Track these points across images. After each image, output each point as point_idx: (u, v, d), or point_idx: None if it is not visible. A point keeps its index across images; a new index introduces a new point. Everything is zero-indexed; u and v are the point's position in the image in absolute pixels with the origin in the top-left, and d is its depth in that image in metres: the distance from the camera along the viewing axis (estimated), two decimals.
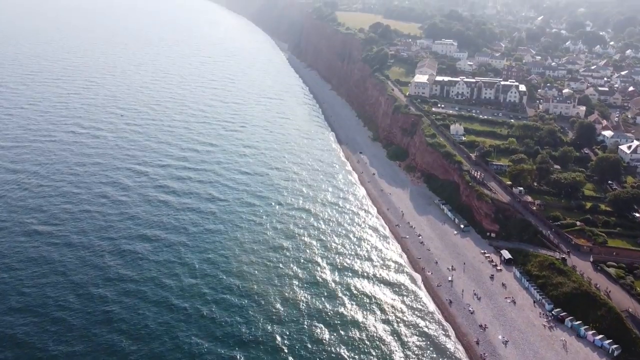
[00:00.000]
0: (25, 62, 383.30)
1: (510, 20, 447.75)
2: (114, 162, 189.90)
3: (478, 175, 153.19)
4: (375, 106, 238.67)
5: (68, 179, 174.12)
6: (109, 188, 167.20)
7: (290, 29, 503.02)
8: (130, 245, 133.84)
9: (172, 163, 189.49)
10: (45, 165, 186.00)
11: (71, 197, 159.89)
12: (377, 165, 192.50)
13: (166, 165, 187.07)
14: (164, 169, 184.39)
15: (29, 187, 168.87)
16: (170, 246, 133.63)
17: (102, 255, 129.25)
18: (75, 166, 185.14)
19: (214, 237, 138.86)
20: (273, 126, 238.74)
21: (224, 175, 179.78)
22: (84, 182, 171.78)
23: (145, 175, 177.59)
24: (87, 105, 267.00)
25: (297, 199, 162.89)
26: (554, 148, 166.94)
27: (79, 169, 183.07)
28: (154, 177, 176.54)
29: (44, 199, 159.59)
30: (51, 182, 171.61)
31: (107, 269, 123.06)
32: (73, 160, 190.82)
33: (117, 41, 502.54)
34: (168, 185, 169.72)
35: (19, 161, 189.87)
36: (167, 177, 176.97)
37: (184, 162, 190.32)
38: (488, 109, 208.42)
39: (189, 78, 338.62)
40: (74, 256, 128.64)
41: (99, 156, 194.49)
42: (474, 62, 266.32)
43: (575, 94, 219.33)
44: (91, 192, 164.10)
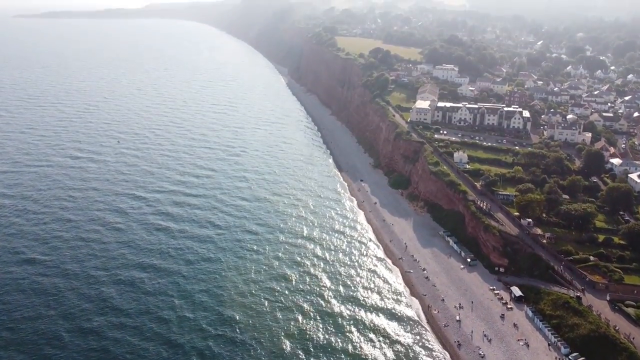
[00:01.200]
0: (26, 86, 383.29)
1: (510, 45, 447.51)
2: (112, 187, 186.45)
3: (484, 205, 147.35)
4: (376, 132, 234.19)
5: (64, 205, 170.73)
6: (106, 215, 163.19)
7: (290, 53, 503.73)
8: (127, 275, 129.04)
9: (171, 189, 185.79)
10: (41, 191, 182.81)
11: (67, 224, 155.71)
12: (379, 193, 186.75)
13: (165, 191, 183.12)
14: (162, 195, 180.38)
15: (24, 213, 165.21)
16: (169, 276, 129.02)
17: (97, 286, 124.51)
18: (72, 192, 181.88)
19: (213, 267, 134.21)
20: (273, 151, 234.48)
21: (224, 201, 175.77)
22: (80, 208, 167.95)
23: (143, 202, 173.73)
24: (86, 130, 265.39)
25: (297, 229, 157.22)
26: (561, 177, 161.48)
27: (76, 194, 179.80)
28: (152, 203, 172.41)
29: (39, 226, 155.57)
30: (47, 208, 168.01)
31: (102, 301, 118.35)
32: (70, 185, 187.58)
33: (117, 65, 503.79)
34: (166, 212, 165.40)
35: (14, 186, 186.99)
36: (165, 203, 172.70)
37: (183, 188, 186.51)
38: (491, 136, 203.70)
39: (189, 102, 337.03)
40: (68, 287, 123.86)
41: (97, 182, 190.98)
42: (476, 88, 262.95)
43: (579, 120, 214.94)
44: (87, 219, 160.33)
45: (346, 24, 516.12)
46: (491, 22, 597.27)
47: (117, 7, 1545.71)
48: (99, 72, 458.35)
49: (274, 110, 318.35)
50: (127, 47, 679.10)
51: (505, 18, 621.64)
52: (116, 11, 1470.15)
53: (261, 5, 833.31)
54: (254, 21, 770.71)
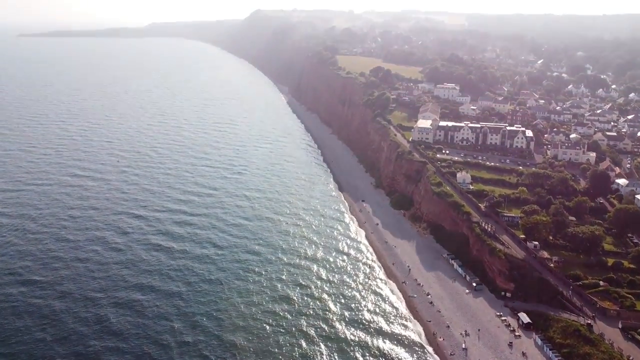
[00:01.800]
0: (28, 105, 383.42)
1: (511, 63, 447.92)
2: (112, 207, 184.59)
3: (489, 227, 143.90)
4: (377, 152, 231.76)
5: (63, 224, 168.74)
6: (105, 235, 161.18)
7: (291, 72, 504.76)
8: (125, 297, 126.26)
9: (172, 208, 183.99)
10: (40, 210, 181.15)
11: (65, 244, 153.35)
12: (381, 214, 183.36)
13: (165, 211, 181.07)
14: (163, 214, 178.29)
15: (22, 232, 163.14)
16: (168, 298, 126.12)
17: (95, 308, 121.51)
18: (72, 211, 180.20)
19: (214, 289, 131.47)
20: (275, 170, 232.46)
21: (225, 221, 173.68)
22: (79, 228, 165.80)
23: (143, 221, 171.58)
24: (87, 148, 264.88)
25: (298, 251, 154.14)
26: (567, 197, 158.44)
27: (76, 213, 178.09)
28: (153, 223, 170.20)
29: (36, 245, 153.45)
30: (45, 227, 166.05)
31: (99, 324, 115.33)
32: (70, 204, 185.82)
33: (119, 84, 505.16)
34: (167, 232, 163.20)
35: (13, 205, 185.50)
36: (166, 223, 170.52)
37: (184, 207, 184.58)
38: (494, 155, 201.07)
39: (191, 120, 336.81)
40: (65, 309, 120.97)
41: (97, 201, 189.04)
42: (478, 107, 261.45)
43: (583, 140, 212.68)
44: (86, 239, 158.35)
45: (347, 43, 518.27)
46: (491, 41, 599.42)
47: (119, 27, 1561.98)
48: (101, 91, 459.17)
49: (274, 129, 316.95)
50: (129, 66, 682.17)
51: (505, 37, 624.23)
52: (119, 30, 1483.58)
53: (262, 25, 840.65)
54: (255, 40, 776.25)
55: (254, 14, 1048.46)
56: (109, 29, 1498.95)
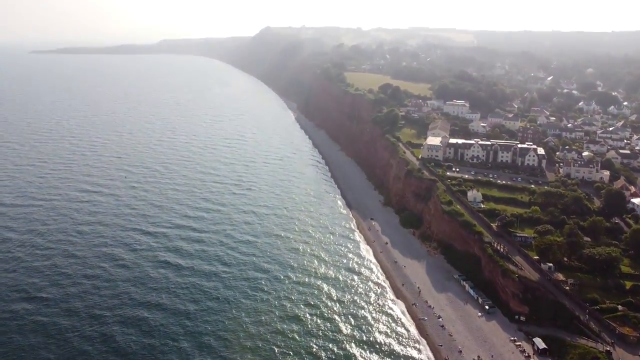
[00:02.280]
0: (39, 120, 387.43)
1: (520, 80, 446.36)
2: (119, 222, 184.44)
3: (501, 248, 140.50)
4: (386, 169, 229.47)
5: (71, 240, 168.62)
6: (113, 251, 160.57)
7: (299, 88, 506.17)
8: (132, 315, 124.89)
9: (180, 224, 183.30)
10: (48, 225, 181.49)
11: (72, 260, 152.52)
12: (390, 233, 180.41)
13: (173, 227, 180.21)
14: (171, 230, 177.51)
15: (29, 248, 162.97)
16: (175, 317, 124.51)
17: (101, 326, 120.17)
18: (80, 226, 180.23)
19: (221, 307, 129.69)
20: (282, 187, 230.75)
21: (233, 237, 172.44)
22: (86, 244, 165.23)
23: (151, 238, 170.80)
24: (97, 163, 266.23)
25: (306, 269, 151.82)
26: (581, 217, 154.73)
27: (84, 228, 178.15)
28: (160, 239, 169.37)
29: (43, 262, 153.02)
30: (53, 243, 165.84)
31: (105, 343, 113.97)
32: (78, 220, 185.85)
33: (129, 100, 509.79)
34: (174, 249, 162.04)
35: (22, 220, 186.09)
36: (173, 239, 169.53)
37: (192, 223, 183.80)
38: (506, 173, 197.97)
39: (200, 136, 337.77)
40: (70, 327, 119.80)
41: (105, 216, 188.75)
42: (487, 124, 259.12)
43: (596, 157, 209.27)
44: (93, 255, 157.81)
45: (355, 59, 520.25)
46: (500, 57, 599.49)
47: (130, 44, 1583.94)
48: (112, 106, 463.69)
49: (283, 145, 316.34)
50: (139, 82, 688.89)
51: (513, 54, 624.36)
52: (130, 47, 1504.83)
53: (271, 42, 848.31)
54: (264, 57, 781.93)
55: (263, 31, 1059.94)
56: (120, 45, 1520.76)
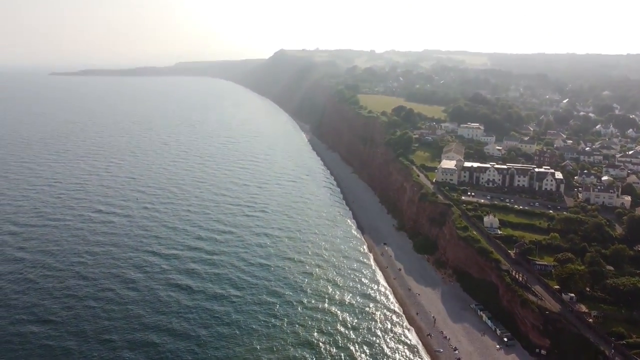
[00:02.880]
0: (50, 142, 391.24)
1: (535, 102, 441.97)
2: (132, 244, 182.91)
3: (520, 276, 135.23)
4: (399, 192, 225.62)
5: (82, 261, 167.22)
6: (124, 273, 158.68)
7: (312, 110, 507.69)
8: (141, 339, 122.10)
9: (193, 246, 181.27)
10: (60, 246, 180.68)
11: (76, 290, 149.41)
12: (404, 258, 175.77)
13: (186, 249, 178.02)
14: (183, 252, 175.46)
15: (41, 269, 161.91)
16: (185, 341, 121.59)
17: (110, 352, 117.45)
18: (92, 247, 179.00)
19: (232, 332, 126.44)
20: (294, 210, 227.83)
21: (246, 261, 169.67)
22: (92, 272, 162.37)
23: (163, 260, 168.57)
24: (111, 184, 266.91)
25: (317, 297, 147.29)
26: (602, 245, 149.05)
27: (96, 249, 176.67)
28: (172, 262, 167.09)
29: (54, 283, 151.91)
30: (64, 265, 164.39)
31: None
32: (90, 241, 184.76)
33: (144, 120, 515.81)
34: (186, 272, 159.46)
35: (35, 240, 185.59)
36: (185, 262, 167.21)
37: (204, 246, 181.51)
38: (523, 198, 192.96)
39: (212, 158, 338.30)
40: (78, 351, 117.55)
41: (112, 243, 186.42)
42: (503, 147, 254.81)
43: (616, 182, 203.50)
44: (104, 277, 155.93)
45: (368, 82, 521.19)
46: (514, 80, 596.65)
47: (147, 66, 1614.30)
48: (127, 127, 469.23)
49: (296, 167, 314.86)
50: (155, 103, 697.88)
51: (528, 76, 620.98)
52: (147, 69, 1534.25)
53: (285, 64, 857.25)
54: (278, 79, 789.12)
55: (278, 53, 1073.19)
56: (136, 68, 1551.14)
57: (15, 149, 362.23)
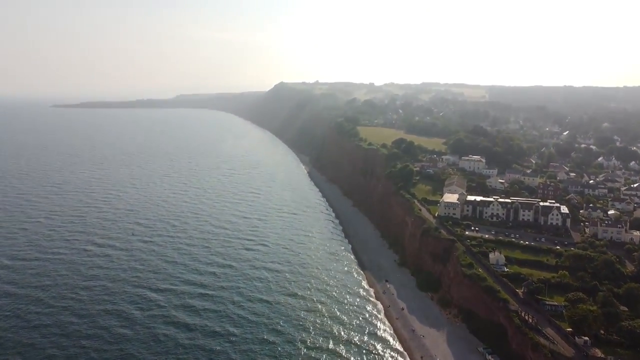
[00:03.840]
0: (54, 174, 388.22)
1: (535, 135, 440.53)
2: (128, 279, 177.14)
3: (529, 318, 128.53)
4: (401, 226, 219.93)
5: (70, 305, 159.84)
6: (119, 310, 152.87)
7: (312, 142, 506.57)
8: None
9: (191, 282, 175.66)
10: (55, 281, 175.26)
11: (68, 329, 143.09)
12: (406, 297, 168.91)
13: (180, 289, 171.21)
14: (181, 289, 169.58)
15: (34, 306, 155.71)
16: None
17: None
18: (81, 288, 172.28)
19: None
20: (295, 245, 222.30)
21: (245, 298, 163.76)
22: (93, 302, 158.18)
23: (155, 302, 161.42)
24: (106, 218, 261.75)
25: (319, 338, 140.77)
26: (614, 283, 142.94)
27: (84, 293, 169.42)
28: (165, 304, 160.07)
29: (47, 320, 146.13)
30: (50, 308, 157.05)
31: None
32: (79, 283, 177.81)
33: (143, 153, 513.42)
34: (179, 315, 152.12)
35: (28, 275, 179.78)
36: (179, 304, 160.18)
37: (199, 286, 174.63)
38: (528, 233, 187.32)
39: (213, 190, 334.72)
40: None
41: (108, 278, 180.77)
42: (506, 180, 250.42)
43: (623, 216, 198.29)
44: (99, 314, 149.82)
45: (368, 114, 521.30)
46: (513, 112, 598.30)
47: (148, 98, 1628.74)
48: (128, 159, 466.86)
49: (295, 200, 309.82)
50: (155, 135, 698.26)
51: (527, 108, 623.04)
52: (147, 102, 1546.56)
53: (285, 96, 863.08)
54: (278, 111, 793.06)
55: (277, 86, 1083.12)
56: (137, 100, 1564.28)
57: (13, 180, 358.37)
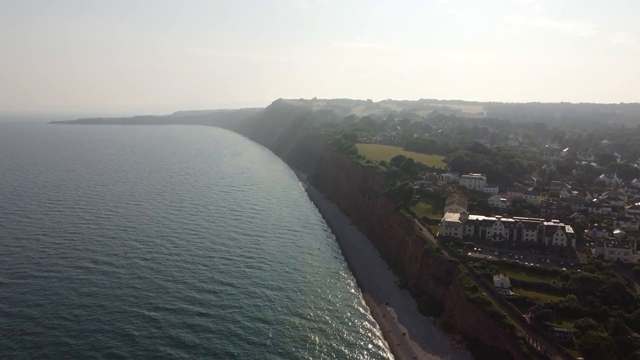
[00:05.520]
0: (48, 190, 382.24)
1: (535, 152, 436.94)
2: (120, 306, 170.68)
3: (538, 345, 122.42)
4: (401, 247, 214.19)
5: (65, 325, 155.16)
6: (109, 340, 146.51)
7: (310, 159, 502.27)
8: None
9: (185, 308, 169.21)
10: (42, 308, 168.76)
11: (64, 348, 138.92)
12: (407, 321, 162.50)
13: (178, 312, 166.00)
14: (175, 316, 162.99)
15: (18, 336, 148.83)
16: None
17: None
18: (76, 309, 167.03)
19: None
20: (293, 266, 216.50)
21: (242, 325, 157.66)
22: (82, 330, 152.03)
23: (152, 325, 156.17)
24: (102, 237, 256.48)
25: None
26: (624, 307, 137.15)
27: (80, 312, 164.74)
28: (163, 327, 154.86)
29: (31, 351, 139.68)
30: (45, 329, 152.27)
31: None
32: (75, 303, 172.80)
33: (140, 169, 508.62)
34: (177, 339, 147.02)
35: (14, 303, 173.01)
36: (177, 326, 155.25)
37: (198, 308, 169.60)
38: (532, 254, 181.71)
39: (210, 208, 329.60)
40: None
41: (105, 298, 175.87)
42: (507, 198, 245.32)
43: (629, 235, 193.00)
44: (87, 344, 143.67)
45: (366, 131, 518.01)
46: (512, 129, 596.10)
47: (146, 115, 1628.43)
48: (122, 176, 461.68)
49: (293, 219, 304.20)
50: (152, 152, 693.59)
51: (526, 125, 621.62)
52: (145, 118, 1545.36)
53: (283, 113, 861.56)
54: (276, 128, 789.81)
55: (275, 102, 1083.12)
56: (136, 116, 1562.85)
57: (6, 198, 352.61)
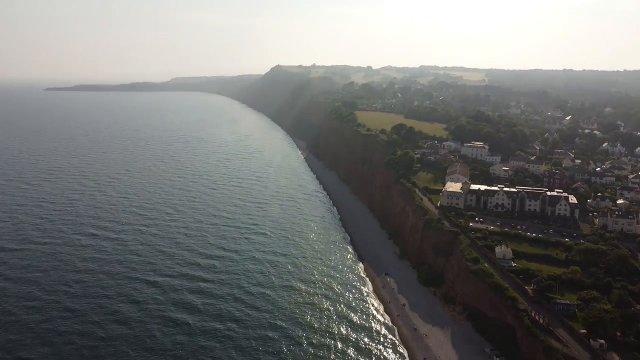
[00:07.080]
0: (49, 158, 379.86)
1: (538, 120, 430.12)
2: (124, 272, 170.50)
3: (539, 318, 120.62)
4: (401, 217, 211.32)
5: (70, 291, 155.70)
6: (114, 304, 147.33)
7: (309, 127, 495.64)
8: None
9: (190, 274, 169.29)
10: (47, 273, 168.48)
11: (60, 324, 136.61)
12: (407, 292, 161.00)
13: (182, 278, 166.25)
14: (179, 282, 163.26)
15: (25, 300, 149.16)
16: None
17: None
18: (81, 275, 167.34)
19: None
20: (293, 234, 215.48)
21: (246, 291, 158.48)
22: (87, 295, 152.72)
23: (157, 290, 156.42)
24: (104, 204, 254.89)
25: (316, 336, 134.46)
26: (628, 279, 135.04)
27: (85, 277, 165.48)
28: (167, 292, 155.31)
29: (37, 316, 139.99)
30: (50, 295, 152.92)
31: None
32: (79, 268, 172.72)
33: (140, 137, 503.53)
34: (176, 310, 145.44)
35: (18, 270, 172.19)
36: (182, 291, 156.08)
37: (203, 273, 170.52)
38: (535, 224, 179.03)
39: (209, 176, 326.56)
40: None
41: (107, 266, 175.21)
42: (510, 167, 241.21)
43: (633, 206, 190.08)
44: (93, 310, 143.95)
45: (366, 98, 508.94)
46: (514, 96, 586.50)
47: (143, 81, 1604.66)
48: (123, 144, 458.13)
49: (293, 187, 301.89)
50: (151, 119, 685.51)
51: (528, 93, 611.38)
52: (143, 85, 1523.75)
53: (282, 80, 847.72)
54: (274, 95, 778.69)
55: (274, 69, 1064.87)
56: (132, 83, 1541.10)
57: (3, 166, 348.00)
